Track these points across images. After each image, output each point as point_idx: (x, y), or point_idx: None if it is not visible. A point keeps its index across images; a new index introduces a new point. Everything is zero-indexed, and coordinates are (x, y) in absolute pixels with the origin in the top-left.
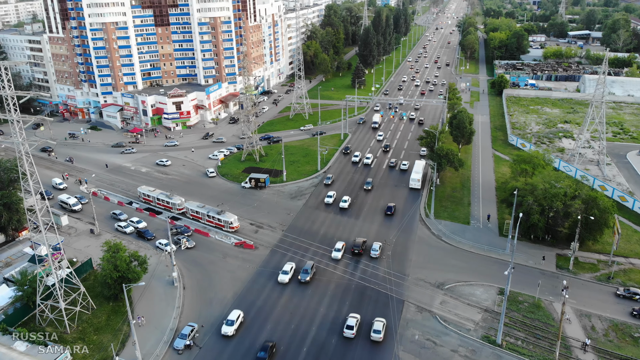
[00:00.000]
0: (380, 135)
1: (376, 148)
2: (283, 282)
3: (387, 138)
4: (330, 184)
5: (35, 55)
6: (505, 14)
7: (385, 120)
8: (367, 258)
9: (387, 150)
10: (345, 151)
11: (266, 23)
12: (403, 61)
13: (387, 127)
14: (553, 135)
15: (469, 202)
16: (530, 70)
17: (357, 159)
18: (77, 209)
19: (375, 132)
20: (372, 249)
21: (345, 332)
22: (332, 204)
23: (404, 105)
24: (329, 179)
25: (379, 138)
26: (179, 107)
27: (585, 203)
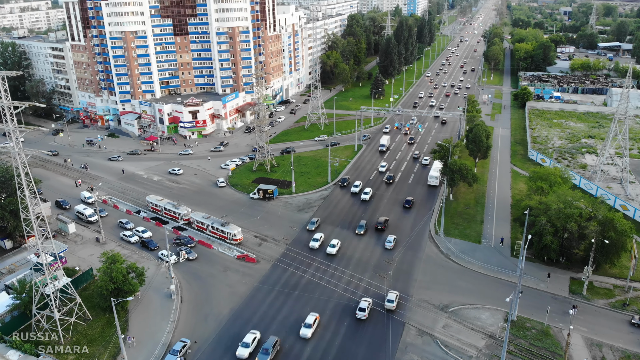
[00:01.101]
0: (384, 167)
1: (378, 180)
2: (242, 357)
3: (391, 169)
4: (315, 230)
5: (57, 62)
6: (534, 24)
7: (399, 137)
8: (370, 275)
9: (391, 182)
10: (343, 183)
11: (286, 33)
12: (422, 76)
13: (396, 149)
14: (576, 151)
15: (482, 219)
16: (556, 82)
17: (356, 190)
18: (93, 220)
19: (383, 155)
20: (387, 241)
21: (358, 314)
22: (317, 249)
23: (420, 118)
24: (312, 223)
25: (381, 169)
26: (195, 116)
27: (602, 225)
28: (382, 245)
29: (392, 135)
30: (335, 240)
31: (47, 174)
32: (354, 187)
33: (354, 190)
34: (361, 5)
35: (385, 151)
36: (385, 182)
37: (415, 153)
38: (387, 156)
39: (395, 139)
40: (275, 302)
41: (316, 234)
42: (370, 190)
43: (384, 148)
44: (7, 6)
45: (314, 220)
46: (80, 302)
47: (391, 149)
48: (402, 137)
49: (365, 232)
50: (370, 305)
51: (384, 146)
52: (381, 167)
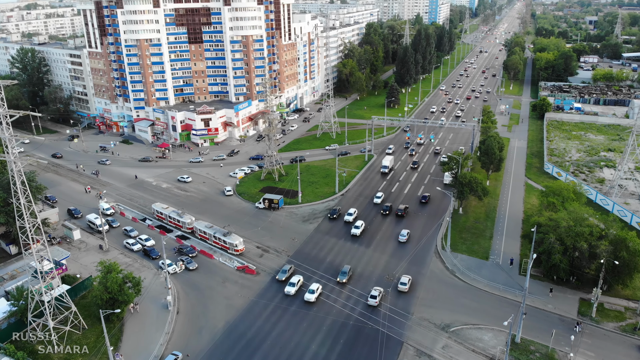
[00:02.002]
0: (379, 197)
1: (374, 212)
2: None
3: (392, 193)
4: (286, 280)
5: (75, 69)
6: (558, 33)
7: (404, 156)
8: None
9: (387, 214)
10: (332, 215)
11: (301, 42)
12: (438, 85)
13: (399, 172)
14: (594, 165)
15: (491, 235)
16: (577, 92)
17: (350, 218)
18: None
19: (384, 177)
20: (401, 235)
21: (370, 300)
22: (294, 296)
23: (434, 128)
24: (284, 272)
25: (376, 200)
26: (207, 124)
27: (614, 244)
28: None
29: (396, 156)
30: (315, 284)
31: (58, 180)
32: (347, 214)
33: (347, 219)
34: (382, 13)
35: (387, 173)
36: (382, 214)
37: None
38: (386, 184)
39: (400, 159)
40: (271, 317)
41: (294, 277)
42: (362, 224)
43: (386, 170)
44: (34, 12)
45: (285, 268)
46: (76, 311)
47: (395, 169)
48: (407, 157)
49: (348, 279)
50: (381, 294)
51: (386, 167)
52: (376, 199)
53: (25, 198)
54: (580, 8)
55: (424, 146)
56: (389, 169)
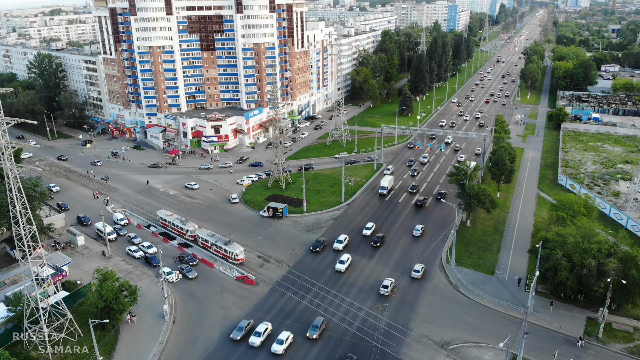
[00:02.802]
0: (369, 229)
1: (363, 242)
2: None
3: (379, 229)
4: (241, 339)
5: (91, 74)
6: (579, 41)
7: (406, 175)
8: (369, 305)
9: (378, 246)
10: (315, 249)
11: (314, 49)
12: (453, 94)
13: (398, 194)
14: (609, 177)
15: (498, 249)
16: (596, 102)
17: (340, 245)
18: (111, 238)
19: (382, 200)
20: (415, 229)
21: (381, 290)
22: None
23: (444, 138)
24: (240, 329)
25: (365, 232)
26: (218, 131)
27: (623, 262)
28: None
29: (396, 176)
30: (285, 333)
31: (68, 184)
32: (337, 242)
33: (336, 247)
34: (400, 20)
35: (385, 195)
36: (372, 245)
37: (419, 199)
38: (381, 208)
39: (401, 178)
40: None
41: (260, 325)
42: (349, 258)
43: (385, 191)
44: (57, 18)
45: (242, 325)
46: (71, 318)
47: (395, 189)
48: (408, 177)
49: (321, 334)
50: (393, 284)
51: (385, 189)
52: (366, 230)
53: (22, 205)
54: (603, 16)
55: (429, 164)
56: (387, 190)
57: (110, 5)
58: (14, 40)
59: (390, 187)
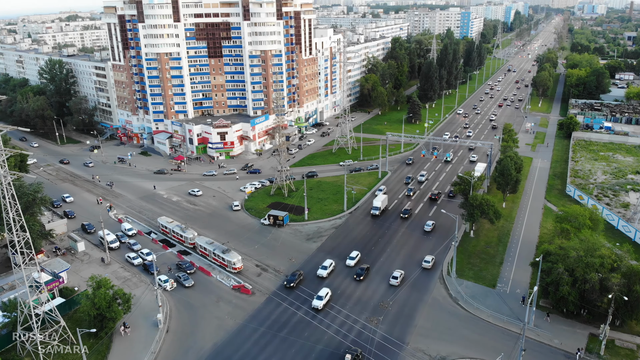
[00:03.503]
0: (353, 258)
1: (347, 274)
2: None
3: (363, 259)
4: None
5: (100, 80)
6: (594, 49)
7: (402, 195)
8: (365, 318)
9: (361, 279)
10: (289, 284)
11: (322, 56)
12: (455, 109)
13: (393, 212)
14: (619, 188)
15: (501, 261)
16: (609, 111)
17: (323, 273)
18: (114, 246)
19: (374, 221)
20: (426, 225)
21: (391, 280)
22: None
23: (450, 146)
24: None
25: (349, 262)
26: (223, 137)
27: (627, 277)
28: None
29: (391, 195)
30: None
31: (74, 190)
32: (321, 268)
33: (321, 273)
34: (412, 27)
35: (378, 215)
36: (355, 279)
37: None
38: (370, 233)
39: (396, 197)
40: (260, 340)
41: None
42: (328, 293)
43: (377, 212)
44: (72, 24)
45: None
46: (65, 326)
47: (389, 209)
48: (403, 197)
49: None
50: (402, 276)
51: (377, 209)
52: (349, 260)
53: (15, 212)
54: (619, 23)
55: (427, 182)
56: (380, 210)
57: (119, 13)
58: (27, 46)
59: (383, 207)
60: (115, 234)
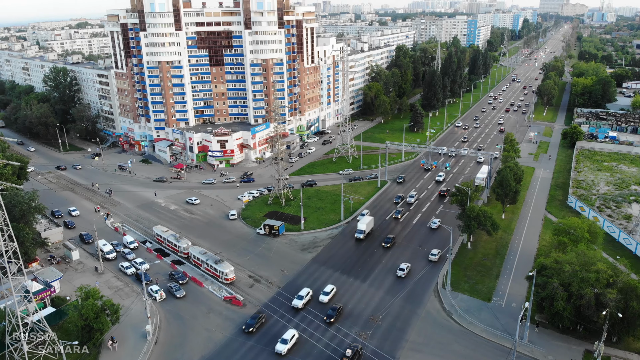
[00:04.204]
0: (327, 293)
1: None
2: None
3: (337, 295)
4: None
5: (103, 88)
6: (602, 57)
7: (389, 217)
8: (356, 332)
9: (332, 322)
10: (248, 329)
11: (325, 65)
12: (459, 117)
13: (377, 235)
14: (622, 199)
15: (498, 273)
16: (614, 120)
17: (299, 304)
18: (110, 257)
19: (359, 245)
20: (432, 222)
21: (398, 272)
22: None
23: (449, 156)
24: None
25: (323, 299)
26: (224, 145)
27: (623, 293)
28: None
29: (377, 217)
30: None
31: (73, 198)
32: (297, 298)
33: (296, 304)
34: (418, 35)
35: (362, 240)
36: (325, 321)
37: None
38: (351, 264)
39: (383, 219)
40: (248, 354)
41: None
42: (294, 336)
43: (362, 235)
44: (81, 31)
45: None
46: (53, 336)
47: (374, 230)
48: (390, 220)
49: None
50: (409, 268)
51: (362, 232)
52: (323, 295)
53: (3, 221)
54: (629, 31)
55: (416, 205)
56: (364, 234)
57: (121, 21)
58: (33, 53)
59: (368, 230)
60: (111, 242)
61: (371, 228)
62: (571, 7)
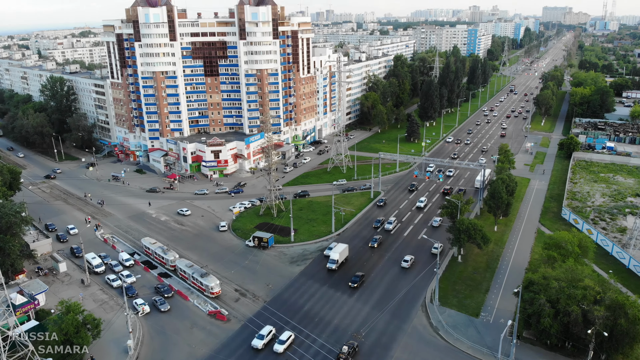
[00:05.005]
0: (283, 342)
1: None
2: None
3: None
4: None
5: (99, 98)
6: (602, 66)
7: (362, 245)
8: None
9: None
10: None
11: (321, 75)
12: (456, 128)
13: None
14: (617, 211)
15: (487, 288)
16: (613, 130)
17: (280, 349)
18: (99, 270)
19: (330, 277)
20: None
21: (403, 264)
22: None
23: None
24: None
25: (277, 349)
26: (217, 156)
27: (611, 310)
28: None
29: (353, 245)
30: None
31: (65, 208)
32: (278, 343)
33: (277, 349)
34: (419, 45)
35: (334, 270)
36: None
37: None
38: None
39: (360, 246)
40: None
41: None
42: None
43: (334, 266)
44: (83, 40)
45: None
46: (33, 350)
47: (348, 260)
48: (367, 249)
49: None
50: (412, 260)
51: (334, 262)
52: (278, 345)
53: None
54: (631, 40)
55: (395, 234)
56: (337, 264)
57: (117, 31)
58: (32, 62)
59: (342, 260)
60: (99, 254)
61: (345, 257)
62: (574, 16)
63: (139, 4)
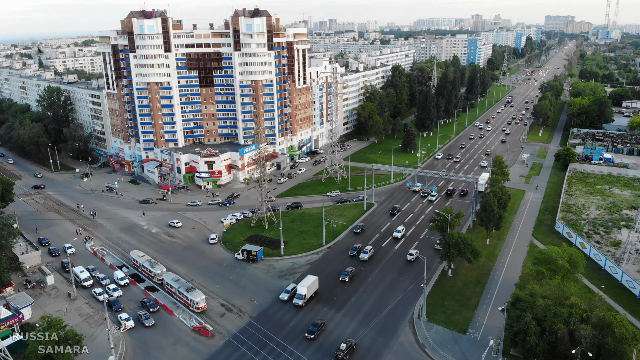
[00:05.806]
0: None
1: None
2: None
3: None
4: None
5: (95, 108)
6: (603, 75)
7: (332, 279)
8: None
9: (313, 338)
10: None
11: (317, 85)
12: (453, 138)
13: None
14: (612, 224)
15: (476, 303)
16: (611, 141)
17: None
18: (87, 284)
19: (297, 314)
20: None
21: (408, 256)
22: None
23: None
24: None
25: None
26: (211, 166)
27: (598, 329)
28: None
29: (324, 277)
30: None
31: (57, 219)
32: None
33: None
34: (419, 54)
35: (302, 306)
36: (306, 337)
37: None
38: None
39: (331, 278)
40: None
41: None
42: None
43: (301, 301)
44: (85, 49)
45: None
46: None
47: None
48: (337, 284)
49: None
50: (417, 254)
51: (301, 297)
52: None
53: None
54: (633, 49)
55: (367, 269)
56: (305, 299)
57: (112, 42)
58: (31, 72)
59: (310, 294)
60: (88, 267)
61: (315, 290)
62: (576, 25)
63: (134, 15)
